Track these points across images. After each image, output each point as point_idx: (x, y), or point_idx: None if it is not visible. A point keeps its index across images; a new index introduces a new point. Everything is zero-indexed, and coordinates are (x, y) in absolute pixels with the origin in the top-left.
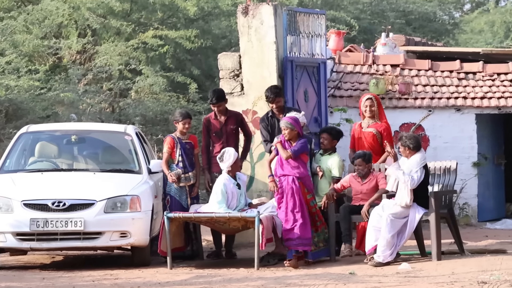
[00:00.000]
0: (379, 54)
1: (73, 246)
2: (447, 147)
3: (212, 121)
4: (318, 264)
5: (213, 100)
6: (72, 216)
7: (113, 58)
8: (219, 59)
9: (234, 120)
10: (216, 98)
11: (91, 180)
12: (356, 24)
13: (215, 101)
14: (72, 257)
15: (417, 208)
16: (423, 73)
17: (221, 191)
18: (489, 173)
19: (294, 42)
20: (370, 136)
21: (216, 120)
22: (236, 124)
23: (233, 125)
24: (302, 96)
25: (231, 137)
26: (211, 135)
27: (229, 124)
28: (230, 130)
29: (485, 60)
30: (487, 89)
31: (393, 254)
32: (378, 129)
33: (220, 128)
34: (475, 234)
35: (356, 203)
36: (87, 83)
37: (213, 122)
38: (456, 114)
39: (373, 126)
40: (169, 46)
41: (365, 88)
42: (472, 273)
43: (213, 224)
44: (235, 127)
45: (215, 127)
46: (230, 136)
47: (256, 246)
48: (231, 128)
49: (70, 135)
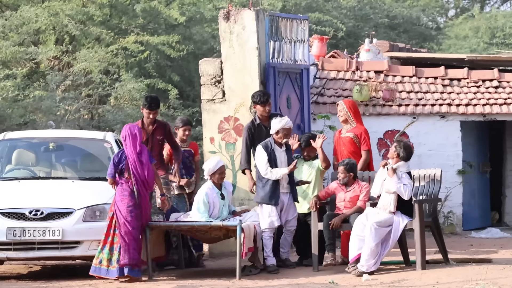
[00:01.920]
0: (363, 60)
1: (51, 255)
2: (432, 155)
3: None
4: (301, 273)
5: (152, 106)
6: (50, 225)
7: (92, 64)
8: (200, 65)
9: (162, 130)
10: (154, 104)
11: (69, 188)
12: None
13: (154, 107)
14: (50, 267)
15: (401, 216)
16: (407, 80)
17: (202, 201)
18: (474, 181)
19: (277, 48)
20: (347, 141)
21: (143, 129)
22: (163, 135)
23: (160, 136)
24: (285, 103)
25: (156, 147)
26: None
27: (156, 134)
28: (157, 140)
29: (470, 67)
30: (472, 95)
31: (377, 263)
32: (355, 133)
33: (146, 138)
34: (460, 243)
35: (339, 211)
36: (65, 89)
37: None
38: (441, 121)
39: (350, 130)
40: (150, 52)
41: (348, 95)
42: (457, 283)
43: (194, 233)
44: (162, 138)
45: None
46: (156, 146)
47: (238, 255)
48: (157, 138)
49: (48, 143)
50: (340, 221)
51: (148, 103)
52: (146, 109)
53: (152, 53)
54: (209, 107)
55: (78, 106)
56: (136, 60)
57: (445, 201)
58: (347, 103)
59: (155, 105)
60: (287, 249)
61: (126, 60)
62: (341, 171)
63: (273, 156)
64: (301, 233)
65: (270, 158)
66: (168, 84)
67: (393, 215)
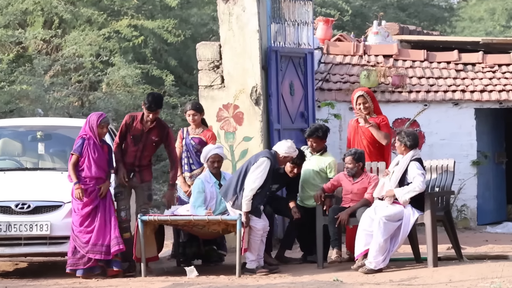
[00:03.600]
0: (371, 43)
1: (39, 251)
2: (444, 145)
3: (136, 122)
4: (305, 270)
5: (152, 107)
6: (38, 219)
7: (82, 48)
8: (197, 49)
9: (159, 132)
10: (155, 105)
11: (58, 180)
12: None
13: (154, 107)
14: (37, 264)
15: (412, 210)
16: (418, 65)
17: (197, 190)
18: (490, 172)
19: (279, 31)
20: (368, 131)
21: (141, 124)
22: (159, 137)
23: (156, 137)
24: (288, 89)
25: (149, 147)
26: (128, 136)
27: (151, 134)
28: (151, 141)
29: (485, 50)
30: (487, 81)
31: (385, 260)
32: (376, 122)
33: (140, 133)
34: (474, 239)
35: (346, 205)
36: (54, 75)
37: (136, 123)
38: (454, 109)
39: (371, 119)
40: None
41: (355, 81)
42: (471, 281)
43: (191, 227)
44: (157, 140)
45: (136, 129)
46: (149, 146)
47: (238, 251)
48: (152, 139)
49: (35, 131)
50: (347, 215)
51: (149, 103)
52: (145, 109)
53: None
54: (207, 94)
55: (68, 92)
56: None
57: (459, 194)
58: (367, 91)
59: (156, 106)
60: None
61: (120, 45)
62: (349, 161)
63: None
64: (304, 228)
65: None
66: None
67: (403, 208)
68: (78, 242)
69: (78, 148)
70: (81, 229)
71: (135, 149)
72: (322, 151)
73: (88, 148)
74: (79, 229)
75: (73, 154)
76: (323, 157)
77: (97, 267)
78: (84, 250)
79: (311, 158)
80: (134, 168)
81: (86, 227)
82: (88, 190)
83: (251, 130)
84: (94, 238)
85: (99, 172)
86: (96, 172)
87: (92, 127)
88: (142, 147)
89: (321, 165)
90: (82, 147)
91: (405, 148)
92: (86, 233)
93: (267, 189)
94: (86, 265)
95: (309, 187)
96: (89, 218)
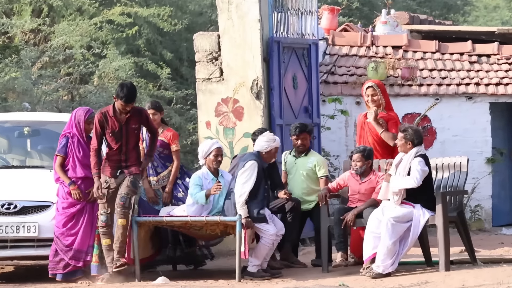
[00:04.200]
0: (379, 34)
1: (26, 254)
2: (457, 141)
3: (110, 118)
4: (309, 274)
5: (130, 99)
6: (25, 220)
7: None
8: (195, 39)
9: (137, 118)
10: (132, 96)
11: (46, 179)
12: None
13: (131, 99)
14: (24, 267)
15: (422, 210)
16: (429, 56)
17: (195, 185)
18: (505, 170)
19: (281, 20)
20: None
21: (115, 117)
22: (139, 123)
23: (136, 124)
24: (290, 83)
25: (132, 138)
26: (106, 134)
27: (131, 123)
28: (132, 130)
29: (501, 41)
30: (503, 74)
31: (394, 263)
32: (385, 118)
33: (119, 127)
34: (489, 241)
35: (352, 205)
36: (42, 67)
37: (110, 119)
38: (467, 103)
39: (380, 116)
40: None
41: (362, 73)
42: (485, 286)
43: (188, 229)
44: (137, 127)
45: (113, 125)
46: (131, 137)
47: (238, 254)
48: (133, 128)
49: (22, 127)
50: (354, 216)
51: (125, 96)
52: (121, 102)
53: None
54: (204, 87)
55: (57, 85)
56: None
57: (472, 194)
58: (378, 83)
59: (133, 97)
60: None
61: (113, 35)
62: (357, 159)
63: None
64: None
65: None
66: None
67: (413, 209)
68: (60, 245)
69: (63, 149)
70: (63, 230)
71: (118, 145)
72: (307, 151)
73: (72, 147)
74: (61, 231)
75: (57, 155)
76: (308, 157)
77: (79, 271)
78: (66, 254)
79: (296, 161)
80: (121, 165)
81: (69, 229)
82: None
83: (252, 125)
84: (78, 244)
85: (84, 171)
86: (82, 172)
87: (78, 123)
88: (126, 141)
89: (308, 165)
90: (66, 147)
91: (410, 146)
92: (69, 236)
93: (264, 191)
94: (65, 270)
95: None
96: (73, 220)
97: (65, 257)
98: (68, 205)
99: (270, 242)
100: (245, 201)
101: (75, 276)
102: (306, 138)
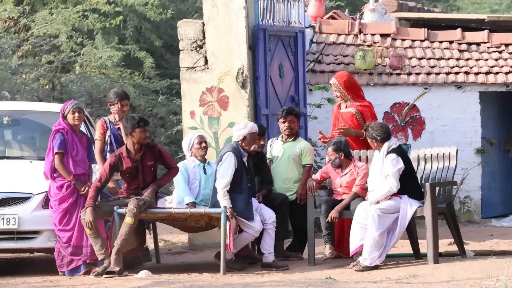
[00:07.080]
0: (367, 21)
1: (5, 247)
2: (446, 131)
3: (124, 159)
4: (296, 268)
5: (142, 124)
6: (4, 212)
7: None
8: (178, 27)
9: (151, 154)
10: (121, 97)
11: (26, 170)
12: None
13: (141, 123)
14: (4, 260)
15: (410, 201)
16: (418, 44)
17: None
18: (495, 161)
19: (267, 8)
20: (348, 117)
21: (129, 157)
22: (154, 159)
23: (151, 161)
24: (277, 71)
25: (149, 175)
26: (123, 175)
27: (146, 160)
28: (148, 167)
29: (491, 29)
30: (493, 62)
31: (382, 256)
32: (358, 109)
33: (135, 167)
34: (479, 233)
35: (338, 197)
36: (23, 55)
37: (125, 161)
38: (457, 92)
39: (351, 106)
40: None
41: (350, 62)
42: (474, 279)
43: (172, 221)
44: (153, 163)
45: (128, 165)
46: (148, 174)
47: (222, 247)
48: (148, 165)
49: (1, 117)
50: (338, 213)
51: (138, 119)
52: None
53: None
54: (189, 76)
55: (37, 74)
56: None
57: (461, 185)
58: (340, 79)
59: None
60: (271, 250)
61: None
62: (330, 152)
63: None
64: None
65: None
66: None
67: (400, 199)
68: (60, 243)
69: (62, 145)
70: (60, 227)
71: (136, 183)
72: (295, 136)
73: (67, 144)
74: (58, 228)
75: (58, 152)
76: (296, 142)
77: (82, 265)
78: (66, 251)
79: (284, 146)
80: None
81: (65, 225)
82: (65, 185)
83: (237, 115)
84: (76, 239)
85: (77, 169)
86: (74, 170)
87: (66, 116)
88: (143, 178)
89: (296, 150)
90: (64, 143)
91: (378, 143)
92: (66, 232)
93: (248, 181)
94: (69, 266)
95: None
96: (67, 215)
97: (65, 254)
98: (59, 201)
99: (252, 237)
100: (226, 191)
101: (79, 272)
102: (294, 121)
